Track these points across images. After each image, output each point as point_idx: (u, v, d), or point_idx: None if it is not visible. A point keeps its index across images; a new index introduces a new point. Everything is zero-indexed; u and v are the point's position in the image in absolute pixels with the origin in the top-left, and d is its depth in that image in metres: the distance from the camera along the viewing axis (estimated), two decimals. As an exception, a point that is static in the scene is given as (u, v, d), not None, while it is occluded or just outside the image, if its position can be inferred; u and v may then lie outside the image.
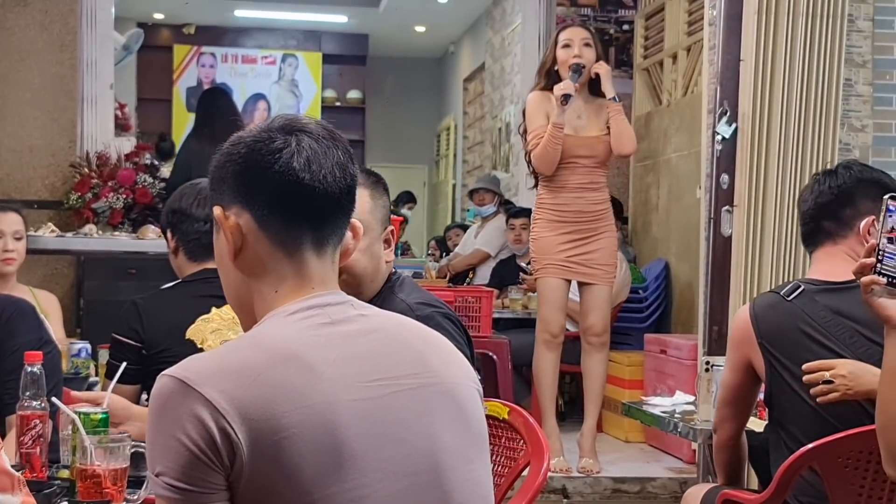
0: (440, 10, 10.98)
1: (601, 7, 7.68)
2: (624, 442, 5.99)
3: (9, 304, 2.69)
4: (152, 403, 1.37)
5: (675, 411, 3.49)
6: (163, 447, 1.34)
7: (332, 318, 1.47)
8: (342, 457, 1.36)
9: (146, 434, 1.37)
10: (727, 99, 4.58)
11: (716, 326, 4.61)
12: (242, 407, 1.33)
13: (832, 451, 2.41)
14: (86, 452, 1.93)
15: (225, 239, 1.51)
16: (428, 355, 1.51)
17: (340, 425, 1.37)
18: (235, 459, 1.32)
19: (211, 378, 1.35)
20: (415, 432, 1.43)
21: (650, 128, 6.98)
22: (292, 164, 1.47)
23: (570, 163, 5.12)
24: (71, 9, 6.53)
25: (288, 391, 1.36)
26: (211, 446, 1.32)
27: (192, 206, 2.96)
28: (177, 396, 1.34)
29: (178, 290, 3.00)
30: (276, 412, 1.34)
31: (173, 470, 1.32)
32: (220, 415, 1.32)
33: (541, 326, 5.20)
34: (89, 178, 6.25)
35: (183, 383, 1.35)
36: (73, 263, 6.40)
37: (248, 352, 1.40)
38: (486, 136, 10.52)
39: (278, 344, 1.41)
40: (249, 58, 12.33)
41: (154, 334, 2.86)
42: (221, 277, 1.57)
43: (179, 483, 1.32)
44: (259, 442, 1.32)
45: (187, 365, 1.38)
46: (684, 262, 6.45)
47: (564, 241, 5.13)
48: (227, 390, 1.34)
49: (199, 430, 1.32)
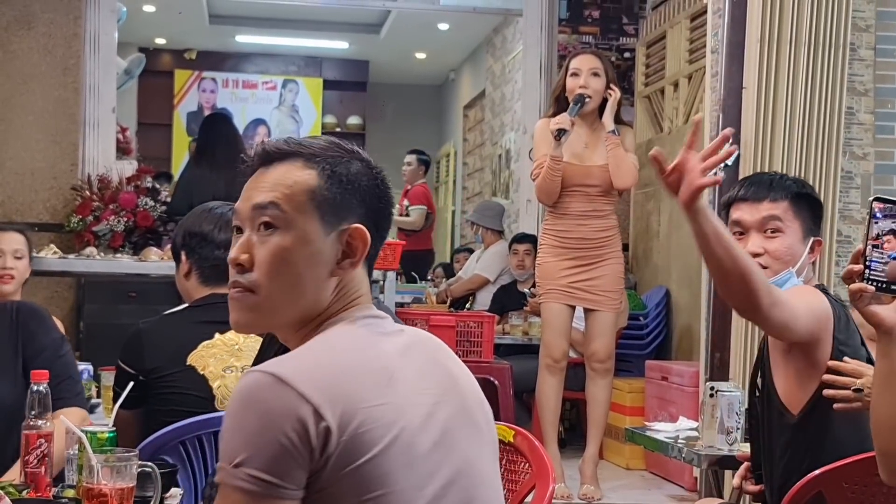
0: (441, 38, 11.02)
1: (603, 35, 7.72)
2: (625, 469, 5.97)
3: (22, 307, 2.73)
4: (240, 396, 1.40)
5: (679, 437, 3.48)
6: (250, 439, 1.36)
7: (384, 330, 1.56)
8: (410, 456, 1.43)
9: (225, 425, 1.39)
10: (730, 126, 4.60)
11: (718, 353, 4.61)
12: (334, 399, 1.39)
13: (839, 476, 2.40)
14: (92, 471, 1.92)
15: (337, 250, 1.57)
16: (453, 371, 1.60)
17: (409, 427, 1.44)
18: (325, 451, 1.37)
19: (302, 374, 1.40)
20: (454, 441, 1.51)
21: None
22: (390, 192, 1.64)
23: (575, 190, 5.13)
24: (74, 33, 6.56)
25: (370, 387, 1.43)
26: (304, 441, 1.36)
27: (213, 231, 2.95)
28: (269, 390, 1.38)
29: (184, 314, 2.99)
30: (362, 405, 1.40)
31: (260, 461, 1.36)
32: (313, 409, 1.37)
33: (544, 351, 5.19)
34: (90, 201, 6.26)
35: (276, 378, 1.39)
36: (73, 286, 6.40)
37: (330, 352, 1.48)
38: (486, 163, 10.54)
39: (355, 345, 1.51)
40: (250, 83, 12.36)
41: (155, 361, 2.85)
42: (296, 277, 1.56)
43: (264, 475, 1.35)
44: (348, 434, 1.38)
45: (277, 363, 1.42)
46: (685, 289, 6.45)
47: (568, 266, 5.13)
48: (319, 385, 1.39)
49: (294, 424, 1.36)
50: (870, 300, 1.98)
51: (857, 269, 1.97)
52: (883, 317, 1.98)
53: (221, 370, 2.86)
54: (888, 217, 1.99)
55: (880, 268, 1.98)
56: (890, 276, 1.97)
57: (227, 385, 2.86)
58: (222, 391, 2.86)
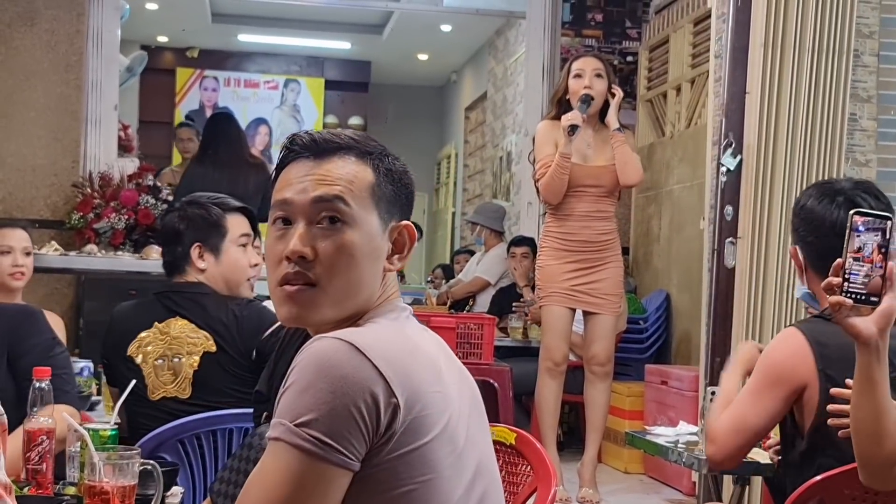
0: (443, 39, 11.02)
1: (606, 38, 7.71)
2: (623, 473, 5.97)
3: (18, 311, 2.77)
4: (315, 358, 1.39)
5: (679, 441, 3.47)
6: (319, 400, 1.36)
7: (420, 325, 1.59)
8: (453, 445, 1.46)
9: (292, 382, 1.38)
10: (732, 131, 4.60)
11: (718, 358, 4.60)
12: (403, 379, 1.41)
13: (840, 483, 2.40)
14: (94, 469, 1.91)
15: (388, 246, 1.59)
16: (461, 365, 1.62)
17: (453, 417, 1.47)
18: (391, 427, 1.38)
19: (377, 349, 1.41)
20: (474, 432, 1.54)
21: (653, 159, 7.00)
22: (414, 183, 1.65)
23: (578, 191, 5.13)
24: (77, 30, 6.56)
25: (426, 373, 1.46)
26: (372, 414, 1.37)
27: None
28: (346, 357, 1.38)
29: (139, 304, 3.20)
30: (424, 390, 1.42)
31: (326, 425, 1.35)
32: (386, 384, 1.38)
33: (544, 354, 5.19)
34: (91, 199, 6.26)
35: (354, 347, 1.39)
36: (72, 284, 6.39)
37: (395, 335, 1.49)
38: (487, 165, 10.54)
39: (408, 333, 1.53)
40: (252, 82, 12.36)
41: (107, 351, 3.14)
42: (357, 269, 1.54)
43: (326, 438, 1.35)
44: (413, 414, 1.40)
45: (349, 333, 1.42)
46: (685, 293, 6.45)
47: (570, 269, 5.13)
48: (390, 362, 1.40)
49: (367, 396, 1.37)
50: (849, 312, 2.04)
51: (837, 281, 2.03)
52: (861, 328, 2.05)
53: (154, 361, 2.95)
54: (869, 230, 2.03)
55: (859, 280, 2.03)
56: (870, 289, 2.02)
57: (157, 375, 2.92)
58: (153, 381, 2.92)
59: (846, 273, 2.03)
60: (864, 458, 2.20)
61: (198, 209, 3.10)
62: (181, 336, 2.93)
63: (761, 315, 4.53)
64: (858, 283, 2.04)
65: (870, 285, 2.04)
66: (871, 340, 2.05)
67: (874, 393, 2.13)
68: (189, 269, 3.08)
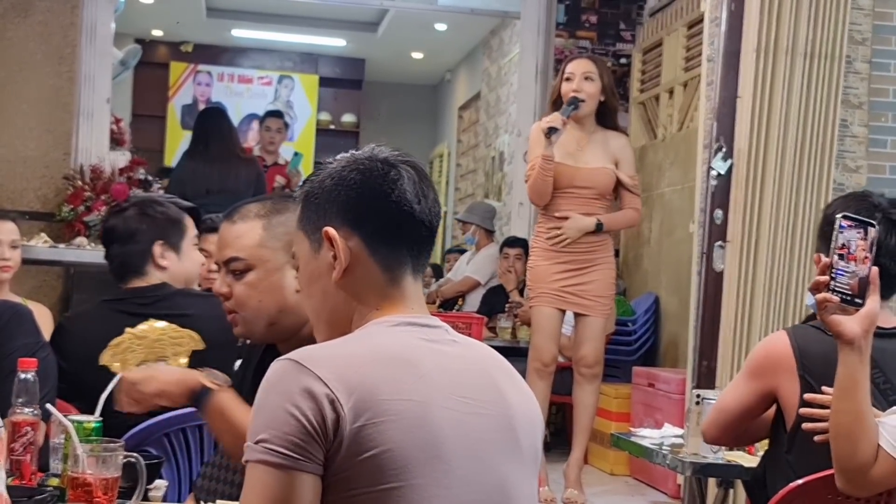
0: (438, 38, 11.02)
1: (599, 40, 7.73)
2: (609, 474, 5.98)
3: (6, 309, 2.71)
4: (265, 383, 1.46)
5: (664, 443, 3.48)
6: (270, 417, 1.43)
7: (429, 337, 1.56)
8: (431, 453, 1.45)
9: (252, 409, 1.46)
10: (723, 135, 4.61)
11: (705, 361, 4.62)
12: (350, 387, 1.43)
13: (822, 487, 2.40)
14: (78, 461, 1.91)
15: (331, 259, 1.60)
16: (504, 388, 1.59)
17: (434, 425, 1.46)
18: (337, 434, 1.41)
19: (323, 361, 1.46)
20: (490, 454, 1.52)
21: (644, 162, 7.01)
22: (407, 195, 1.59)
23: (568, 192, 5.13)
24: (71, 22, 6.54)
25: (392, 382, 1.46)
26: (318, 418, 1.41)
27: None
28: (290, 373, 1.44)
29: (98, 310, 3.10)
30: (380, 398, 1.44)
31: (279, 437, 1.41)
32: (329, 390, 1.42)
33: (533, 355, 5.19)
34: (82, 191, 6.24)
35: (297, 363, 1.45)
36: (61, 276, 6.37)
37: (355, 346, 1.52)
38: (480, 165, 10.54)
39: (383, 343, 1.53)
40: (245, 78, 12.34)
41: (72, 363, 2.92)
42: (312, 297, 1.65)
43: (282, 449, 1.41)
44: (360, 422, 1.41)
45: (301, 350, 1.48)
46: (674, 296, 6.46)
47: (560, 270, 5.13)
48: (337, 372, 1.44)
49: (310, 403, 1.41)
50: (835, 310, 2.07)
51: (824, 279, 2.06)
52: (845, 328, 2.07)
53: (135, 366, 2.85)
54: (853, 228, 2.06)
55: (845, 280, 2.05)
56: (853, 289, 2.04)
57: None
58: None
59: (832, 272, 2.06)
60: (842, 462, 2.20)
61: (158, 207, 3.10)
62: (163, 338, 2.90)
63: (749, 319, 4.54)
64: (843, 283, 2.07)
65: (853, 287, 2.06)
66: (854, 340, 2.08)
67: (855, 395, 2.14)
68: (148, 268, 3.05)
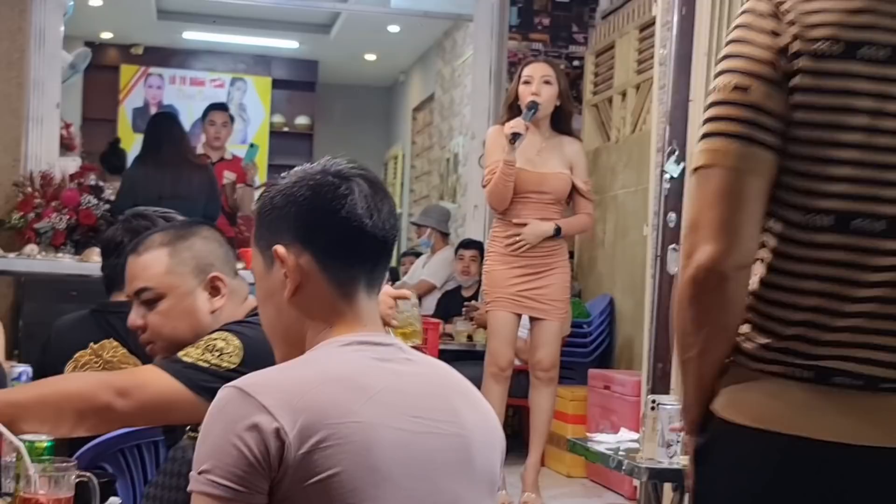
0: (391, 40, 11.01)
1: (552, 42, 7.74)
2: (566, 477, 6.00)
3: None
4: (211, 409, 1.45)
5: (620, 448, 3.50)
6: (213, 447, 1.41)
7: (381, 356, 1.54)
8: (378, 476, 1.43)
9: (200, 434, 1.45)
10: (676, 138, 4.64)
11: (660, 364, 4.65)
12: (296, 413, 1.41)
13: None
14: (30, 481, 1.89)
15: (283, 277, 1.58)
16: (459, 408, 1.57)
17: (381, 447, 1.44)
18: (283, 462, 1.39)
19: (269, 388, 1.43)
20: (441, 474, 1.50)
21: (598, 164, 7.04)
22: (357, 210, 1.56)
23: (524, 197, 5.13)
24: (19, 27, 6.46)
25: (340, 405, 1.44)
26: (261, 449, 1.39)
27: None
28: (234, 402, 1.42)
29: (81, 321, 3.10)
30: (327, 421, 1.41)
31: (221, 469, 1.40)
32: (274, 418, 1.39)
33: (489, 360, 5.19)
34: (32, 198, 6.17)
35: (240, 390, 1.43)
36: (11, 285, 6.30)
37: (303, 369, 1.50)
38: (434, 167, 10.54)
39: (332, 365, 1.51)
40: (198, 80, 12.24)
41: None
42: (266, 314, 1.65)
43: (225, 481, 1.39)
44: (306, 448, 1.39)
45: (246, 377, 1.46)
46: (629, 298, 6.50)
47: (516, 275, 5.13)
48: (283, 399, 1.42)
49: (253, 434, 1.39)
50: None
51: None
52: None
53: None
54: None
55: None
56: None
57: None
58: None
59: None
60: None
61: (143, 221, 3.07)
62: (113, 360, 2.88)
63: (703, 321, 4.56)
64: None
65: None
66: None
67: None
68: None
